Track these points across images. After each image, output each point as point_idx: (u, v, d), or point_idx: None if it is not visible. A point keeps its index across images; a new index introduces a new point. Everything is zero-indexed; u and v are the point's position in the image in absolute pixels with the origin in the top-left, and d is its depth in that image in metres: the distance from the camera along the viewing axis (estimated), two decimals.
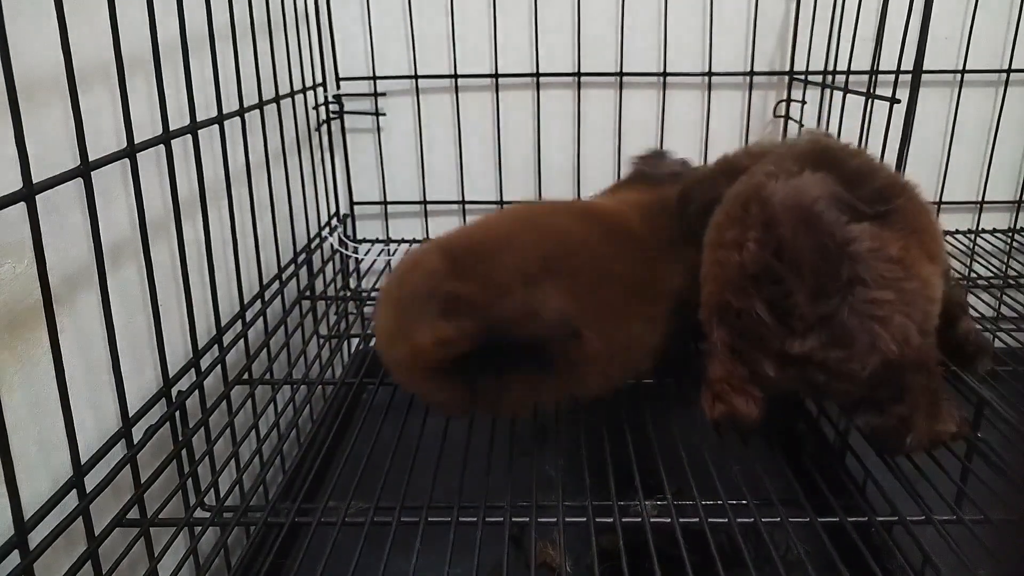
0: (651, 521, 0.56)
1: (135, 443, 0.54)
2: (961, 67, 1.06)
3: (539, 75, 1.07)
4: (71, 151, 0.50)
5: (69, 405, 0.46)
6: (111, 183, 0.57)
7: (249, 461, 0.65)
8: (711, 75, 1.07)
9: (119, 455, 0.53)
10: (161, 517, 0.54)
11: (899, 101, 0.77)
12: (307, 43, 0.99)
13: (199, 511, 0.58)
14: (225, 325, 0.70)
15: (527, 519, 0.56)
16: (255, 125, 0.78)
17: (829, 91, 0.98)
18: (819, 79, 1.00)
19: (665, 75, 1.07)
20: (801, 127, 1.04)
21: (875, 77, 0.83)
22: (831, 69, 0.97)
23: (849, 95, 0.90)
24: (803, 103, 1.04)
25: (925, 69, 0.78)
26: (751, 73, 1.07)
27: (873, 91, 0.82)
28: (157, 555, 0.52)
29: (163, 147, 0.58)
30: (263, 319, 0.79)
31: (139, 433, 0.55)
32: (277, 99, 0.84)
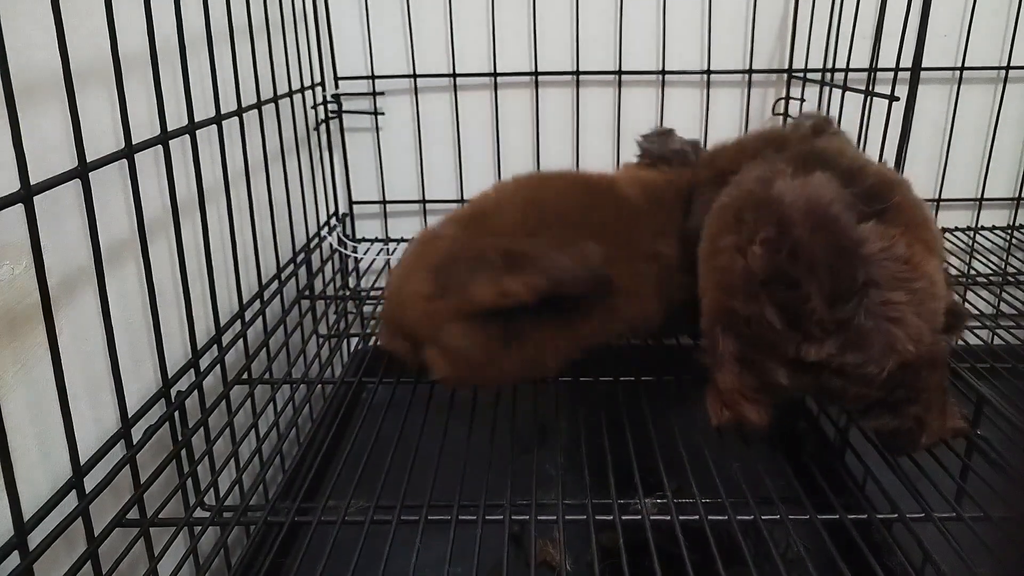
0: (651, 519, 0.56)
1: (134, 443, 0.54)
2: (960, 64, 1.06)
3: (538, 74, 1.07)
4: (69, 152, 0.50)
5: (68, 406, 0.46)
6: (109, 184, 0.57)
7: (249, 461, 0.65)
8: (710, 73, 1.07)
9: (118, 455, 0.53)
10: (161, 517, 0.54)
11: (898, 98, 0.77)
12: (305, 42, 0.98)
13: (199, 511, 0.58)
14: (224, 325, 0.70)
15: (527, 517, 0.56)
16: (253, 125, 0.78)
17: (828, 88, 0.98)
18: (818, 76, 1.00)
19: (664, 73, 1.07)
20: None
21: (874, 74, 0.83)
22: (830, 66, 0.97)
23: (848, 92, 0.90)
24: (802, 100, 1.04)
25: (924, 66, 0.78)
26: (750, 71, 1.07)
27: (872, 88, 0.82)
28: (157, 555, 0.52)
29: (161, 148, 0.58)
30: (262, 319, 0.79)
31: (138, 433, 0.55)
32: (275, 99, 0.84)
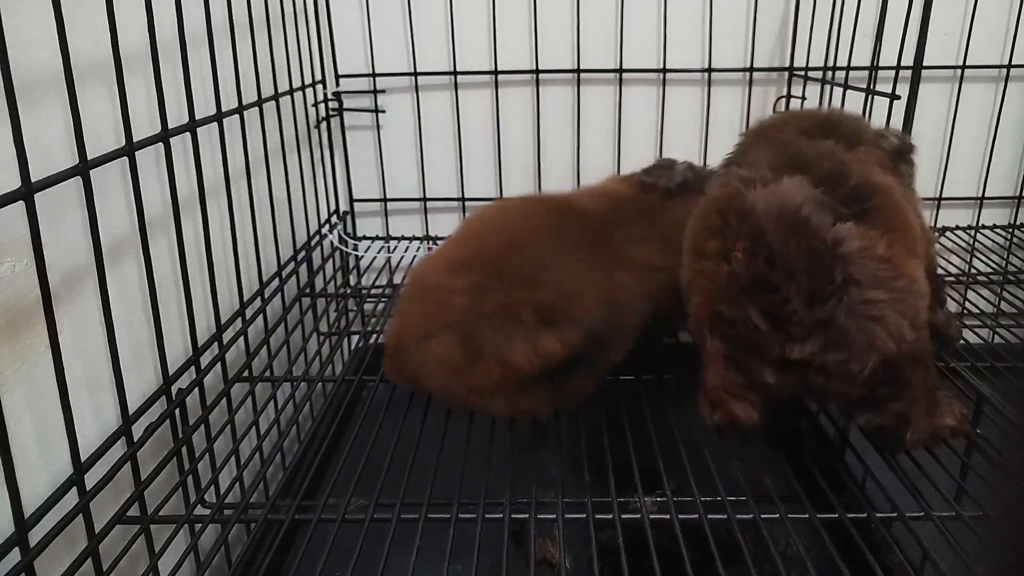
0: (650, 518, 0.56)
1: (135, 441, 0.54)
2: (961, 63, 1.06)
3: (538, 72, 1.07)
4: (70, 150, 0.50)
5: (69, 403, 0.46)
6: (110, 181, 0.57)
7: (249, 458, 0.65)
8: (711, 71, 1.07)
9: (119, 453, 0.53)
10: (161, 514, 0.54)
11: (899, 97, 0.77)
12: (306, 40, 0.98)
13: (199, 508, 0.58)
14: (225, 323, 0.70)
15: (527, 516, 0.57)
16: (254, 123, 0.78)
17: (829, 87, 0.97)
18: (819, 75, 0.99)
19: (665, 71, 1.06)
20: (803, 102, 1.03)
21: (875, 73, 0.83)
22: (831, 65, 0.97)
23: (849, 91, 0.90)
24: (803, 99, 1.04)
25: (925, 65, 0.78)
26: (751, 69, 1.07)
27: (873, 87, 0.82)
28: (157, 552, 0.52)
29: (162, 145, 0.58)
30: (263, 316, 0.79)
31: (139, 431, 0.55)
32: (276, 97, 0.84)
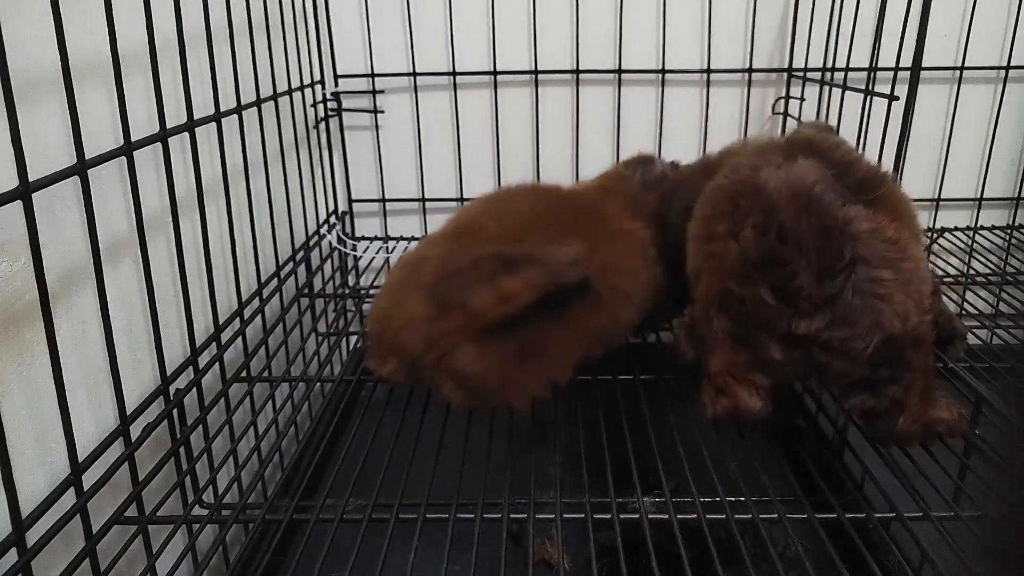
0: (649, 518, 0.56)
1: (133, 441, 0.54)
2: (960, 64, 1.06)
3: (537, 72, 1.07)
4: (68, 149, 0.50)
5: (66, 403, 0.46)
6: (108, 181, 0.57)
7: (247, 458, 0.65)
8: (710, 72, 1.07)
9: (117, 453, 0.53)
10: (159, 515, 0.54)
11: (898, 98, 0.77)
12: (305, 40, 0.98)
13: (197, 508, 0.58)
14: (223, 323, 0.70)
15: (525, 516, 0.56)
16: (253, 123, 0.78)
17: (828, 88, 0.98)
18: (818, 76, 1.00)
19: (664, 72, 1.07)
20: (799, 122, 1.04)
21: (874, 74, 0.83)
22: (830, 66, 0.97)
23: (848, 92, 0.90)
24: (802, 100, 1.04)
25: (924, 66, 0.78)
26: (750, 70, 1.07)
27: (872, 88, 0.82)
28: (155, 552, 0.52)
29: (160, 145, 0.58)
30: (261, 317, 0.79)
31: (137, 431, 0.55)
32: (275, 97, 0.84)
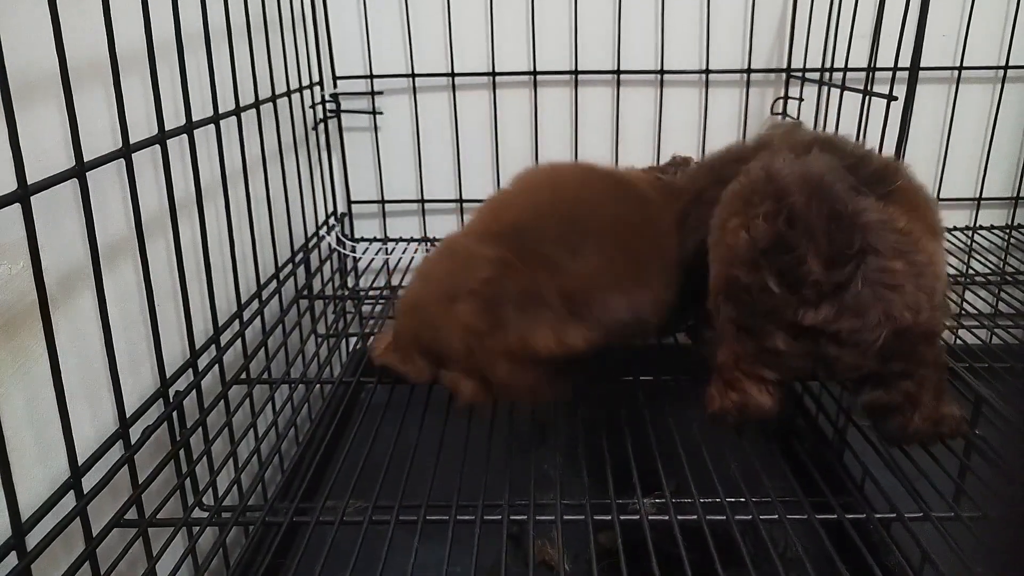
0: (649, 519, 0.56)
1: (132, 443, 0.54)
2: (958, 64, 1.06)
3: (536, 73, 1.07)
4: (66, 151, 0.49)
5: (66, 406, 0.46)
6: (107, 183, 0.57)
7: (247, 461, 0.65)
8: (708, 72, 1.07)
9: (116, 455, 0.53)
10: (159, 517, 0.54)
11: (896, 98, 0.77)
12: (304, 42, 0.98)
13: (197, 511, 0.58)
14: (222, 325, 0.70)
15: (525, 517, 0.56)
16: (252, 124, 0.78)
17: (827, 88, 0.98)
18: (816, 76, 1.00)
19: (662, 73, 1.07)
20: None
21: (872, 74, 0.83)
22: (828, 66, 0.97)
23: (847, 92, 0.90)
24: (800, 100, 1.04)
25: (922, 66, 0.78)
26: (748, 71, 1.07)
27: (870, 88, 0.82)
28: (155, 555, 0.52)
29: (159, 147, 0.58)
30: (261, 318, 0.79)
31: (136, 433, 0.55)
32: (274, 98, 0.84)
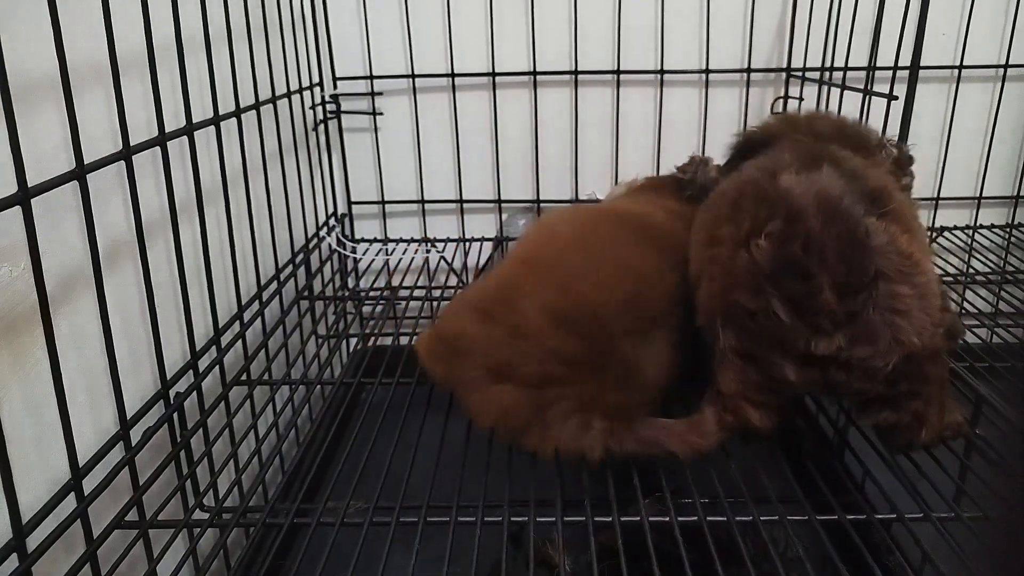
0: (650, 520, 0.55)
1: (133, 445, 0.54)
2: (958, 63, 1.06)
3: (536, 73, 1.07)
4: (66, 154, 0.50)
5: (67, 408, 0.46)
6: (107, 185, 0.57)
7: (248, 462, 0.65)
8: (708, 72, 1.07)
9: (117, 457, 0.53)
10: (160, 519, 0.54)
11: (896, 97, 0.77)
12: (304, 43, 0.98)
13: (198, 512, 0.58)
14: (223, 326, 0.70)
15: (526, 518, 0.56)
16: (252, 126, 0.78)
17: (827, 87, 0.98)
18: (816, 76, 1.00)
19: (662, 72, 1.07)
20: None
21: (872, 73, 0.83)
22: (828, 65, 0.97)
23: (847, 91, 0.90)
24: (800, 100, 1.04)
25: (922, 65, 0.78)
26: (748, 70, 1.07)
27: (871, 87, 0.82)
28: (156, 557, 0.52)
29: (159, 149, 0.58)
30: (261, 319, 0.79)
31: (137, 435, 0.55)
32: (274, 99, 0.84)
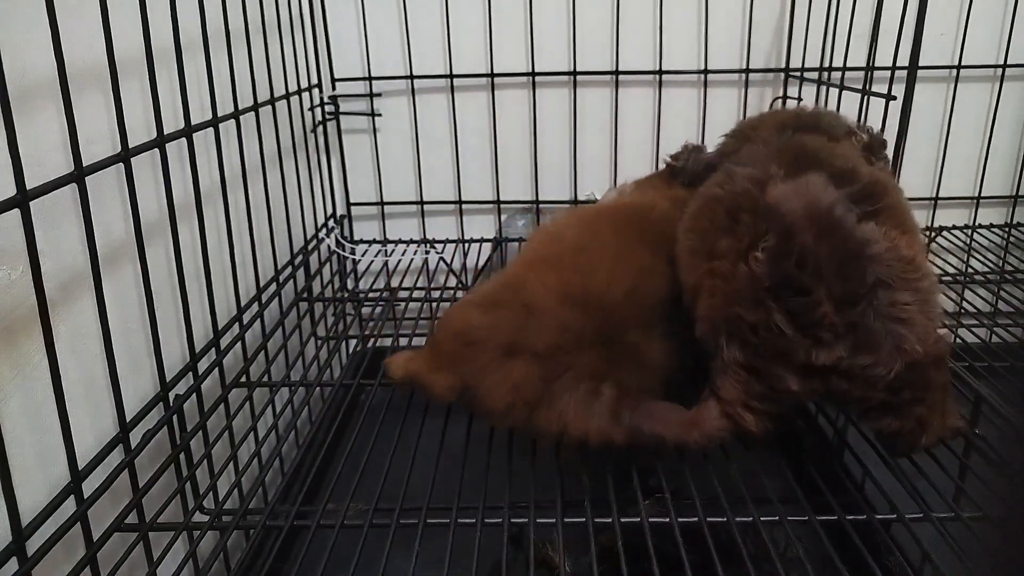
0: (650, 520, 0.56)
1: (133, 447, 0.54)
2: (957, 63, 1.06)
3: (535, 74, 1.07)
4: (65, 156, 0.49)
5: (66, 411, 0.46)
6: (106, 187, 0.57)
7: (248, 464, 0.65)
8: (707, 72, 1.07)
9: (117, 460, 0.53)
10: (160, 521, 0.54)
11: (895, 97, 0.77)
12: (302, 44, 0.98)
13: (198, 515, 0.58)
14: (222, 328, 0.70)
15: (526, 520, 0.56)
16: (250, 127, 0.78)
17: (825, 88, 0.98)
18: (815, 76, 1.00)
19: (661, 73, 1.07)
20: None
21: (871, 73, 0.83)
22: (827, 66, 0.97)
23: (845, 92, 0.90)
24: (799, 100, 1.04)
25: (921, 65, 0.78)
26: (747, 70, 1.07)
27: (869, 87, 0.82)
28: (156, 559, 0.52)
29: (158, 151, 0.57)
30: (260, 321, 0.79)
31: (137, 437, 0.55)
32: (272, 101, 0.84)
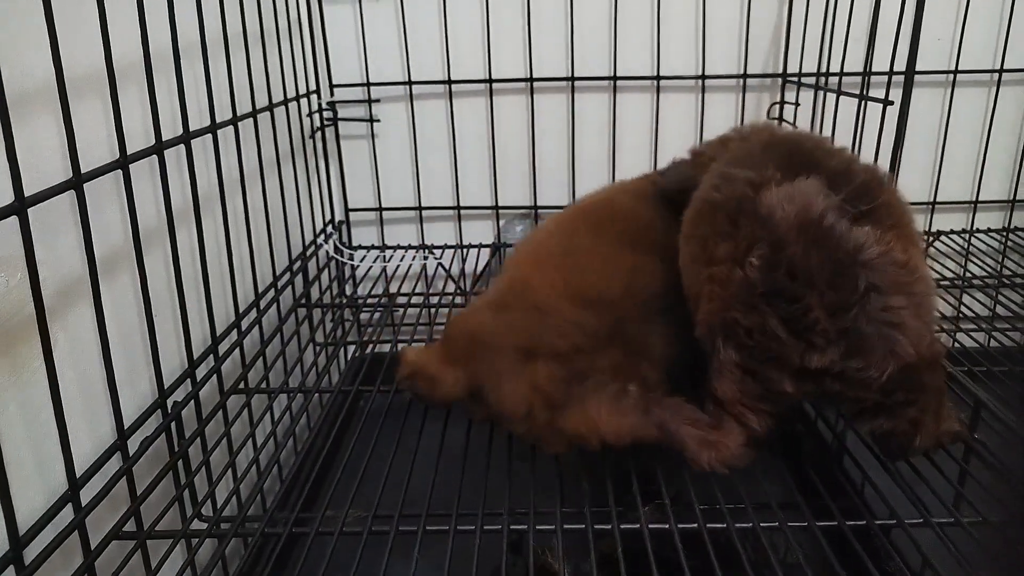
0: (649, 527, 0.55)
1: (131, 455, 0.54)
2: (954, 68, 1.06)
3: (533, 80, 1.07)
4: (63, 163, 0.49)
5: (64, 418, 0.46)
6: (104, 194, 0.57)
7: (246, 471, 0.65)
8: (705, 78, 1.07)
9: (115, 468, 0.53)
10: (158, 529, 0.54)
11: (892, 102, 0.77)
12: (300, 50, 0.98)
13: (196, 522, 0.58)
14: (220, 334, 0.70)
15: (525, 526, 0.56)
16: (249, 133, 0.78)
17: (822, 93, 0.98)
18: (812, 81, 1.00)
19: (659, 78, 1.07)
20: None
21: (868, 78, 0.83)
22: (824, 71, 0.97)
23: (842, 97, 0.90)
24: (796, 105, 1.04)
25: (918, 70, 0.78)
26: (744, 76, 1.07)
27: (866, 92, 0.82)
28: (154, 568, 0.52)
29: (156, 158, 0.57)
30: (259, 328, 0.79)
31: (134, 445, 0.55)
32: (271, 107, 0.84)
